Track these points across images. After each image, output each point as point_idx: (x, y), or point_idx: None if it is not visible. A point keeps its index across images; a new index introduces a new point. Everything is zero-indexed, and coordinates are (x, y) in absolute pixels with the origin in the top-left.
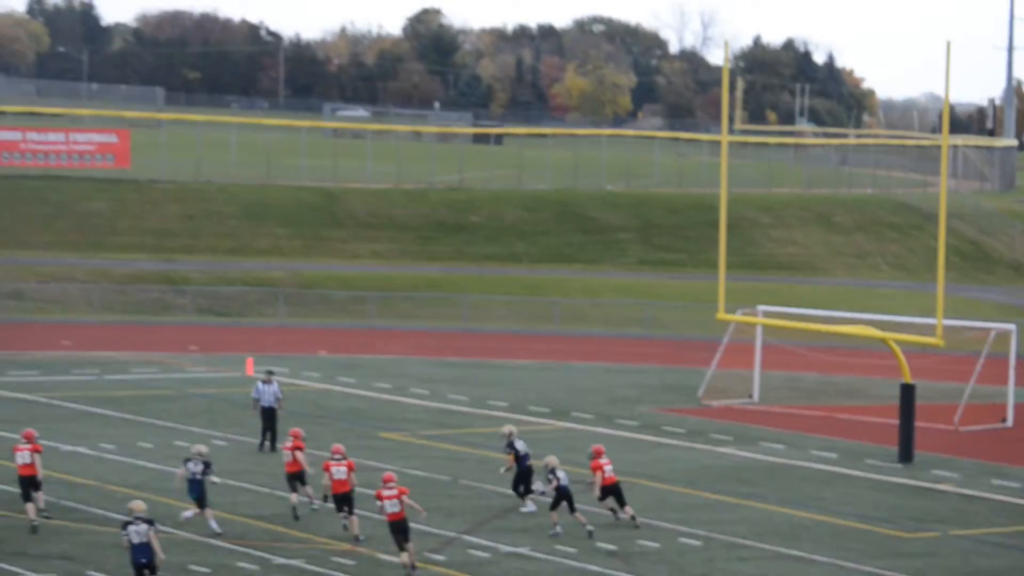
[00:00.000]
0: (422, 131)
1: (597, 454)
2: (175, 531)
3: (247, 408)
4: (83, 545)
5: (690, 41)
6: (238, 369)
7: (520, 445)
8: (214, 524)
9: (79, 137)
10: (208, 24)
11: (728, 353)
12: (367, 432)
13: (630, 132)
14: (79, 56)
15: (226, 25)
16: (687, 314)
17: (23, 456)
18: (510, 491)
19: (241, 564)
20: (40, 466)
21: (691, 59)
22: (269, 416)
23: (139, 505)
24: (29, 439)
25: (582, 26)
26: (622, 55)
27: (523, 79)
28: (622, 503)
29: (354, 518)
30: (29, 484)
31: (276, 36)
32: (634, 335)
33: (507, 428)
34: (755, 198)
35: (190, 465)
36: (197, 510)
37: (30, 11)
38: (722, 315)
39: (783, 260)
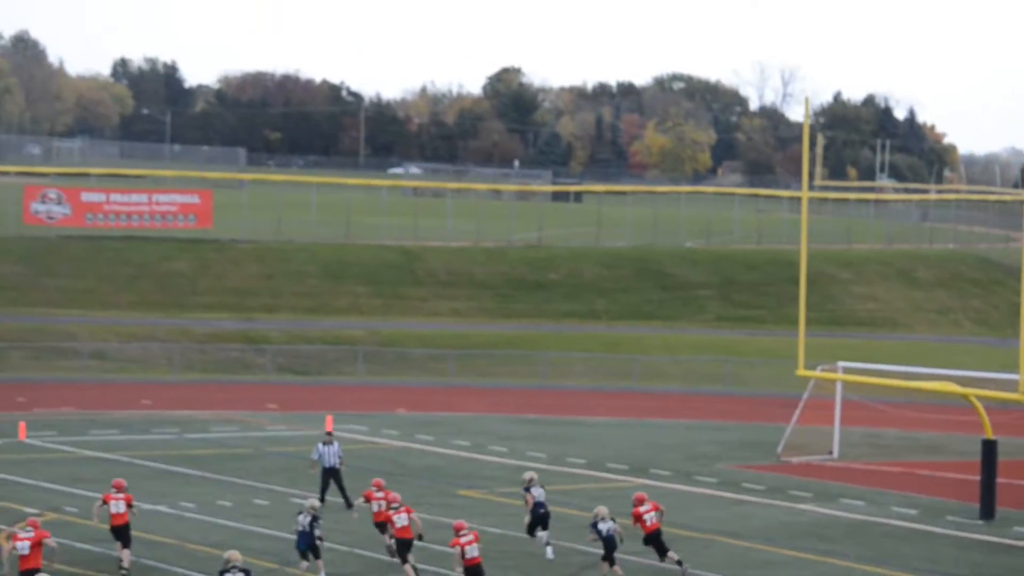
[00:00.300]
0: (501, 189)
1: (638, 502)
2: None
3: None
4: None
5: (770, 98)
6: (317, 427)
7: (537, 492)
8: None
9: (162, 198)
10: (290, 85)
11: (808, 409)
12: (445, 489)
13: (709, 189)
14: (162, 118)
15: (307, 86)
16: (767, 370)
17: (117, 506)
18: (583, 547)
19: None
20: (131, 518)
21: (771, 116)
22: (334, 476)
23: (236, 555)
24: (120, 488)
25: (662, 84)
26: (702, 112)
27: (603, 136)
28: (663, 551)
29: (408, 568)
30: (120, 533)
31: (357, 96)
32: (713, 391)
33: (528, 474)
34: (835, 254)
35: (300, 518)
36: (305, 563)
37: (114, 74)
38: (802, 371)
39: (863, 316)
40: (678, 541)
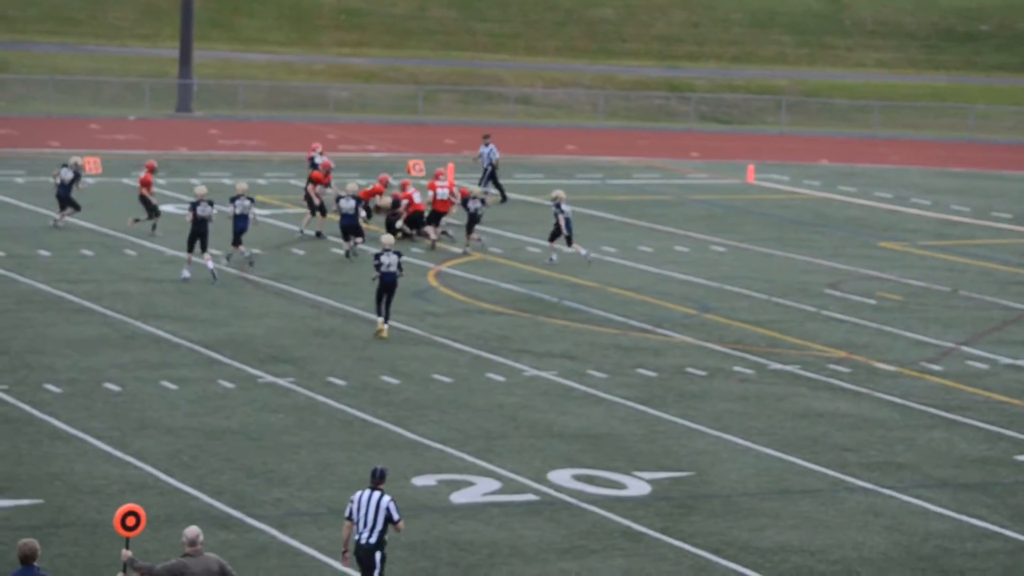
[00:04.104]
0: None
1: (436, 176)
2: (671, 333)
3: (747, 215)
4: (583, 345)
5: None
6: (739, 176)
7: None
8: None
9: None
10: None
11: None
12: (866, 241)
13: None
14: None
15: None
16: None
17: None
18: (1006, 302)
19: (737, 368)
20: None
21: None
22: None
23: (388, 239)
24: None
25: None
26: None
27: None
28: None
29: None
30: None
31: None
32: None
33: (556, 192)
34: None
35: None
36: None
37: None
38: None
39: None
40: None
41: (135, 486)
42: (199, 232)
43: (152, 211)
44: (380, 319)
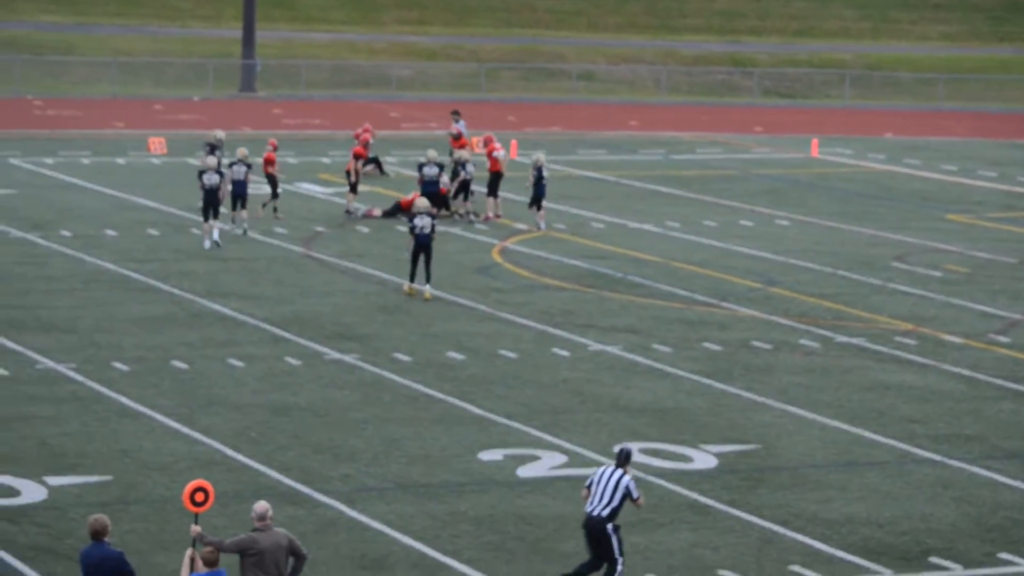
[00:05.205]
0: None
1: (486, 141)
2: (736, 307)
3: (811, 189)
4: (647, 319)
5: None
6: (803, 150)
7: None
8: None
9: None
10: None
11: None
12: (933, 214)
13: None
14: None
15: None
16: None
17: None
18: None
19: (803, 341)
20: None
21: None
22: None
23: (425, 203)
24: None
25: None
26: None
27: None
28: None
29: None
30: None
31: None
32: None
33: (536, 155)
34: None
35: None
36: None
37: None
38: None
39: None
40: None
41: (203, 462)
42: (210, 202)
43: (274, 189)
44: (409, 283)
